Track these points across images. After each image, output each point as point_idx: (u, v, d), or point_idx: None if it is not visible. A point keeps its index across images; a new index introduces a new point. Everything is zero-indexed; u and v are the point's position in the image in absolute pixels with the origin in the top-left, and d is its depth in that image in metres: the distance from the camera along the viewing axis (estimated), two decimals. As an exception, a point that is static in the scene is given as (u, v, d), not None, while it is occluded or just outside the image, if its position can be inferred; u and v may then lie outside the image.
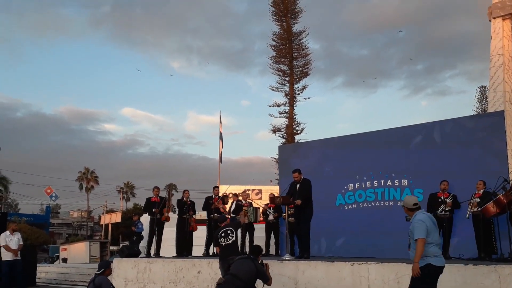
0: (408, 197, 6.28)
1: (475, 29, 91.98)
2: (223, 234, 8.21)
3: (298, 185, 9.89)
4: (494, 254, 8.65)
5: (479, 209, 8.80)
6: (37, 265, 16.74)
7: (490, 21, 20.40)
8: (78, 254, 33.63)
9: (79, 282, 15.10)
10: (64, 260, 32.98)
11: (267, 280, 6.86)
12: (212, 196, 12.46)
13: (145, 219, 14.45)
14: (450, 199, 9.59)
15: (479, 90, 51.28)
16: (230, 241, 8.12)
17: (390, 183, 11.16)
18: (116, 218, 41.33)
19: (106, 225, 43.92)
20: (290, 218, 10.55)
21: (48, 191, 51.27)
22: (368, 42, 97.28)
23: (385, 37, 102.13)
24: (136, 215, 15.72)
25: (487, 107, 26.05)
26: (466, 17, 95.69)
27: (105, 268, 7.83)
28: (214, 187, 12.88)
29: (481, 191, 9.20)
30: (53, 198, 53.49)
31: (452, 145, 10.44)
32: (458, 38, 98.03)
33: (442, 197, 9.68)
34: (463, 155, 10.19)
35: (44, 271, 18.11)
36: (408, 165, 10.92)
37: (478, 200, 9.09)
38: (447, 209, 9.53)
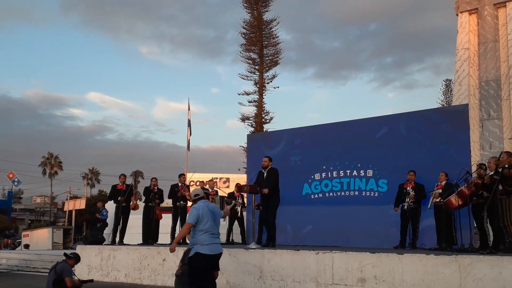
0: (193, 190, 6.76)
1: (444, 24, 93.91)
2: None
3: (265, 174, 9.90)
4: (454, 244, 8.84)
5: (441, 200, 8.96)
6: (-2, 251, 16.39)
7: (457, 15, 20.71)
8: (40, 240, 32.99)
9: (41, 268, 14.80)
10: (26, 246, 32.33)
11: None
12: (177, 184, 12.36)
13: (110, 206, 14.26)
14: (412, 191, 9.72)
15: (445, 83, 52.14)
16: None
17: (355, 173, 11.27)
18: (80, 204, 40.63)
19: (70, 211, 43.17)
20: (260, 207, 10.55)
21: (11, 176, 50.13)
22: (340, 35, 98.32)
23: (358, 30, 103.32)
24: (101, 201, 15.50)
25: (452, 100, 26.57)
26: (436, 12, 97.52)
27: (74, 258, 7.65)
28: (180, 175, 12.76)
29: (443, 183, 9.37)
30: (16, 183, 52.37)
31: (417, 137, 10.59)
32: (428, 32, 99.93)
33: (408, 188, 9.83)
34: (428, 146, 10.35)
35: (5, 257, 17.74)
36: (374, 156, 11.03)
37: (440, 191, 9.25)
38: (410, 201, 9.67)
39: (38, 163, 66.15)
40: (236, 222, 12.50)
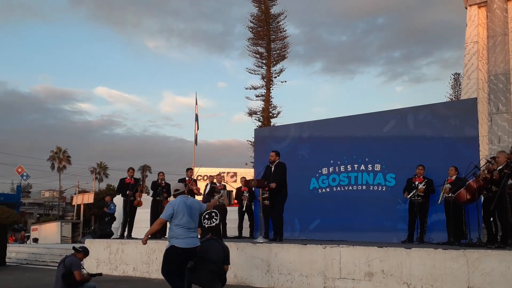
0: (174, 185, 7.00)
1: (452, 18, 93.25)
2: (207, 216, 8.12)
3: (272, 168, 9.91)
4: (463, 239, 8.81)
5: (451, 194, 8.93)
6: (7, 244, 16.49)
7: (466, 8, 20.57)
8: (49, 234, 33.18)
9: (50, 262, 14.92)
10: (35, 240, 32.56)
11: (228, 262, 6.85)
12: (185, 178, 12.40)
13: (118, 200, 14.32)
14: (423, 185, 9.69)
15: (453, 77, 51.99)
16: (214, 224, 8.02)
17: (363, 168, 11.24)
18: (89, 198, 40.77)
19: (78, 205, 43.37)
20: (265, 201, 10.59)
21: (19, 170, 50.35)
22: (348, 29, 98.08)
23: (365, 24, 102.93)
24: (109, 196, 15.58)
25: (460, 94, 26.41)
26: (444, 6, 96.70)
27: (82, 252, 7.70)
28: (187, 169, 12.80)
29: (453, 177, 9.33)
30: (24, 178, 52.59)
31: (425, 131, 10.54)
32: (436, 26, 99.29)
33: (416, 182, 9.81)
34: (436, 140, 10.30)
35: (14, 251, 17.87)
36: (381, 150, 11.00)
37: (449, 186, 9.21)
38: (418, 194, 9.65)
39: (46, 158, 66.59)
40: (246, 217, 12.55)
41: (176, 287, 6.28)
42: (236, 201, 12.94)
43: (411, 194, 9.75)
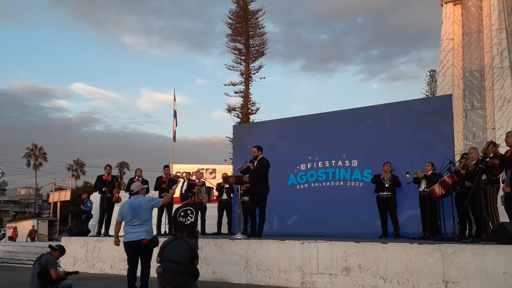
0: (132, 185, 7.79)
1: (429, 16, 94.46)
2: (182, 214, 7.89)
3: (255, 163, 9.89)
4: (438, 233, 8.95)
5: (426, 189, 9.06)
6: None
7: (442, 6, 20.78)
8: (25, 232, 32.79)
9: (26, 260, 14.71)
10: (11, 238, 32.12)
11: (196, 257, 6.68)
12: (162, 175, 12.30)
13: (95, 197, 14.18)
14: (389, 182, 9.86)
15: (429, 74, 52.34)
16: (188, 222, 7.78)
17: (341, 164, 11.32)
18: (65, 196, 40.28)
19: (55, 203, 42.81)
20: (244, 197, 10.57)
21: (-6, 167, 49.54)
22: (327, 28, 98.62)
23: (344, 23, 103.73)
24: (85, 193, 15.43)
25: (436, 91, 26.72)
26: (421, 5, 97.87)
27: (59, 250, 7.60)
28: (165, 166, 12.70)
29: (429, 173, 9.47)
30: (-1, 175, 51.80)
31: (401, 127, 10.66)
32: (413, 25, 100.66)
33: (385, 179, 9.96)
34: (412, 136, 10.43)
35: (-11, 250, 17.57)
36: (359, 146, 11.09)
37: (421, 171, 9.39)
38: (388, 191, 9.84)
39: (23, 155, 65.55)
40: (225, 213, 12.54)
41: (128, 276, 7.26)
42: (215, 197, 12.90)
43: (383, 191, 9.92)
